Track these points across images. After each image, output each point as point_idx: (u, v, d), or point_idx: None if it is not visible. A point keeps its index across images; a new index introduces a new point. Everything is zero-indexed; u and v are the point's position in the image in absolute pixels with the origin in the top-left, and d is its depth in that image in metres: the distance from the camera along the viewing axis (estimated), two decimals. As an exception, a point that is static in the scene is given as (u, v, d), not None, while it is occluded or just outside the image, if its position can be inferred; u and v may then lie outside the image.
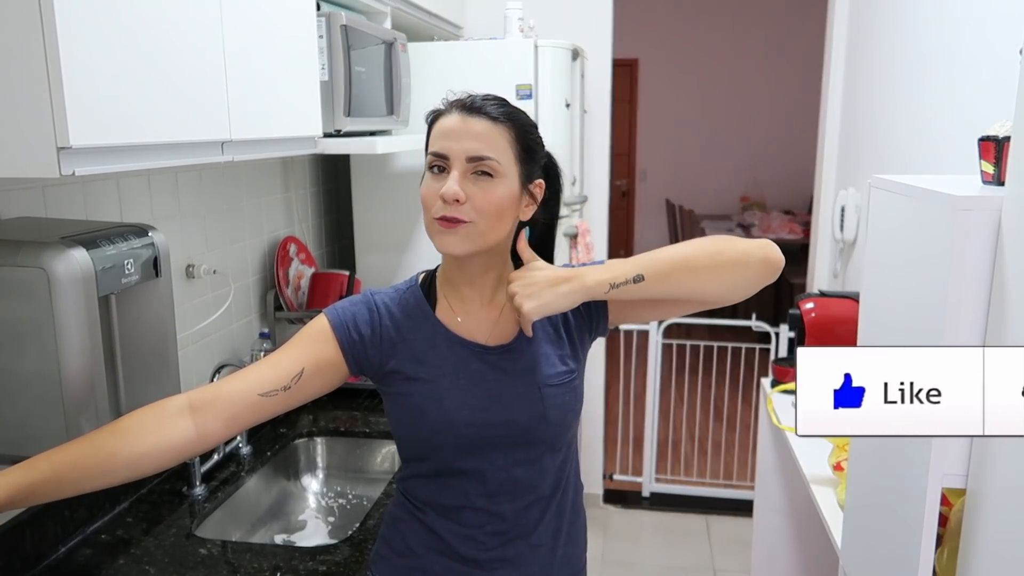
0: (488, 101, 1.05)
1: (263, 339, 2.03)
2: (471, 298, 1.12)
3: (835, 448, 1.75)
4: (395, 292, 1.14)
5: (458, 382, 1.08)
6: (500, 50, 2.31)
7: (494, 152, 1.02)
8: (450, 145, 1.03)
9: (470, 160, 1.02)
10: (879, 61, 2.48)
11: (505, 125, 1.04)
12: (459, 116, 1.04)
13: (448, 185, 1.01)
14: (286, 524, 1.80)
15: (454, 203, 1.01)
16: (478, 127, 1.03)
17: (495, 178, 1.03)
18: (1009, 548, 0.93)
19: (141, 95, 1.04)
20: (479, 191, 1.02)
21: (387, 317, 1.11)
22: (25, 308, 1.05)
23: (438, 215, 1.03)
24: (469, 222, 1.02)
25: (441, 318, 1.12)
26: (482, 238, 1.04)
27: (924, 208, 1.11)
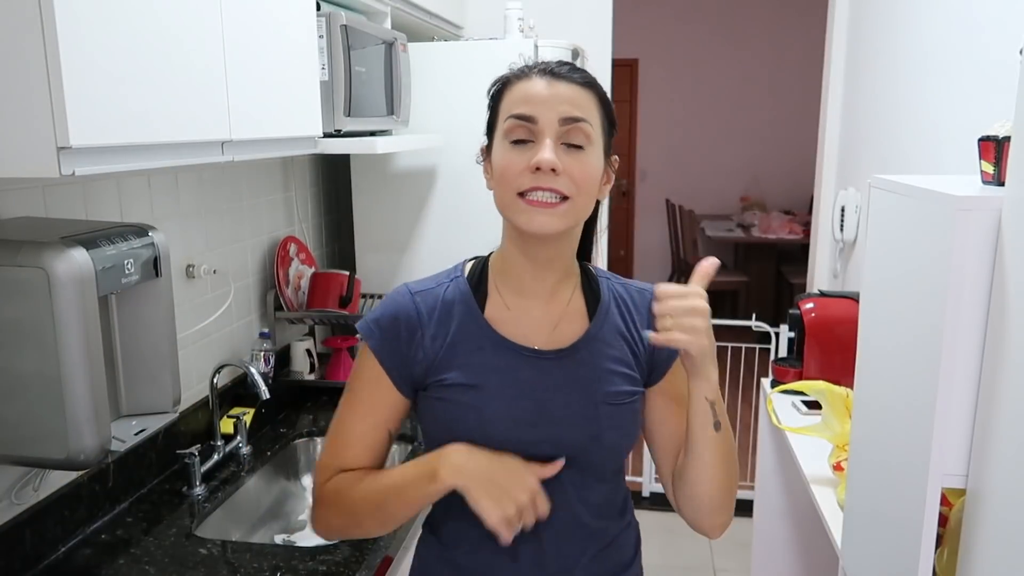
0: (567, 66, 0.95)
1: (263, 339, 2.03)
2: (532, 292, 1.00)
3: (835, 448, 1.75)
4: (436, 286, 1.02)
5: (504, 391, 0.96)
6: (500, 50, 2.31)
7: (588, 115, 0.92)
8: (538, 108, 0.91)
9: (564, 122, 0.90)
10: (879, 61, 2.48)
11: (591, 91, 0.94)
12: (543, 80, 0.92)
13: (543, 153, 0.89)
14: (286, 524, 1.80)
15: (549, 172, 0.89)
16: (567, 90, 0.92)
17: (587, 148, 0.92)
18: (1009, 548, 0.93)
19: (141, 95, 1.04)
20: (573, 162, 0.90)
21: (427, 320, 0.99)
22: (25, 308, 1.05)
23: (526, 187, 0.90)
24: (567, 198, 0.90)
25: (490, 316, 0.99)
26: (575, 217, 0.93)
27: (924, 208, 1.11)
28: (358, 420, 1.02)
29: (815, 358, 2.16)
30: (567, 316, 1.01)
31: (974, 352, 1.01)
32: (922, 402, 1.08)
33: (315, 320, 2.21)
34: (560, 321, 1.00)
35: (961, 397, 1.02)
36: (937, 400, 1.03)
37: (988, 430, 0.99)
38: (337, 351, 2.24)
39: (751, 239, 5.70)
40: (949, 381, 1.02)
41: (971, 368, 1.01)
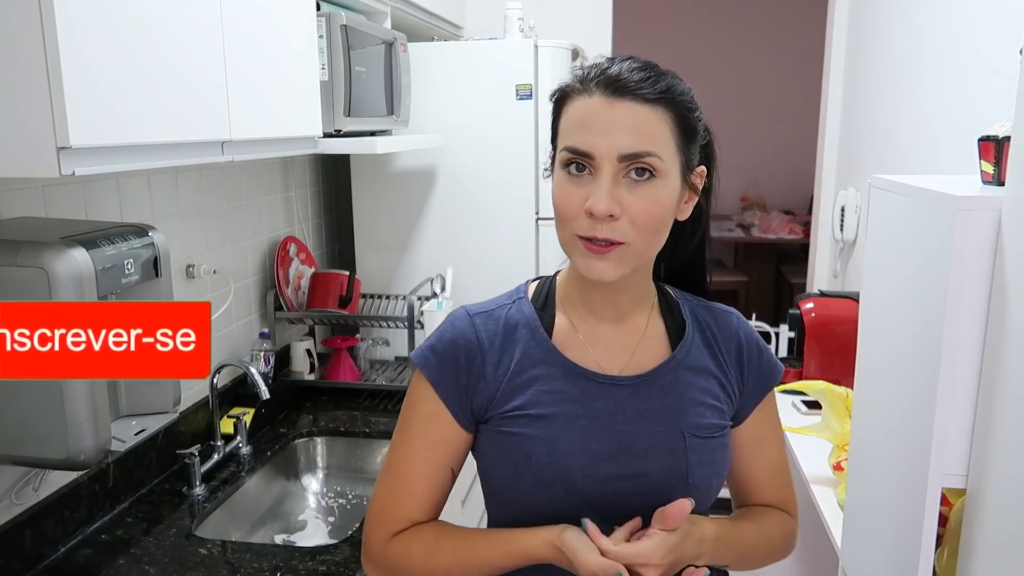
0: (636, 73, 0.81)
1: (263, 339, 2.03)
2: (603, 315, 0.91)
3: (835, 448, 1.74)
4: (498, 308, 0.92)
5: (577, 422, 0.86)
6: (500, 50, 2.31)
7: (654, 145, 0.80)
8: (594, 141, 0.79)
9: (623, 160, 0.79)
10: (879, 61, 2.48)
11: (663, 107, 0.81)
12: (602, 99, 0.80)
13: (597, 199, 0.78)
14: (286, 524, 1.80)
15: (606, 219, 0.80)
16: (631, 115, 0.79)
17: (656, 178, 0.80)
18: (1009, 548, 0.93)
19: (141, 95, 1.04)
20: (637, 201, 0.80)
21: (489, 346, 0.89)
22: (25, 308, 1.05)
23: (584, 234, 0.81)
24: (624, 244, 0.81)
25: (558, 342, 0.90)
26: (638, 259, 0.84)
27: (924, 208, 1.11)
28: (420, 462, 0.90)
29: (815, 358, 2.16)
30: (645, 341, 0.92)
31: (974, 352, 1.01)
32: (922, 402, 1.08)
33: (315, 320, 2.21)
34: (637, 347, 0.91)
35: (961, 397, 1.02)
36: (937, 400, 1.03)
37: (988, 430, 0.99)
38: (337, 351, 2.24)
39: (751, 239, 5.70)
40: (949, 381, 1.02)
41: (971, 368, 1.01)
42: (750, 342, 0.97)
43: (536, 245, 2.37)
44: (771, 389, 0.98)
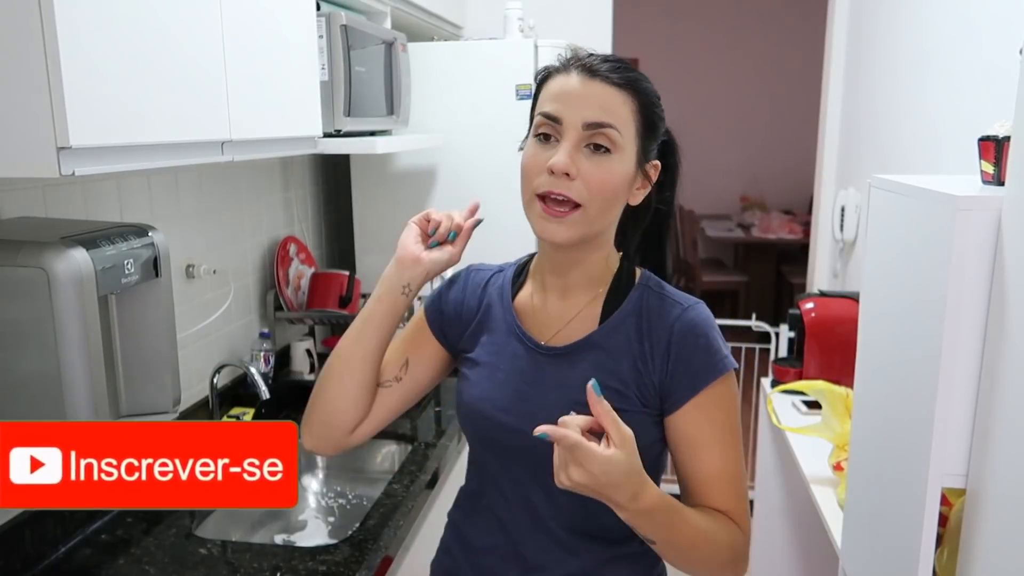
0: (611, 62, 0.92)
1: (263, 339, 2.03)
2: (553, 288, 1.02)
3: (835, 448, 1.75)
4: (495, 269, 1.11)
5: (496, 373, 1.01)
6: (500, 50, 2.31)
7: (616, 120, 0.90)
8: (564, 109, 0.90)
9: (587, 127, 0.89)
10: (879, 61, 2.48)
11: (629, 93, 0.91)
12: (578, 77, 0.91)
13: (558, 156, 0.89)
14: (286, 524, 1.80)
15: (563, 177, 0.89)
16: (599, 91, 0.90)
17: (612, 153, 0.90)
18: (1009, 548, 0.93)
19: (141, 95, 1.04)
20: (593, 167, 0.89)
21: (473, 295, 1.07)
22: (25, 308, 1.05)
23: (541, 189, 0.91)
24: (579, 206, 0.90)
25: (518, 305, 1.04)
26: (589, 225, 0.92)
27: (924, 208, 1.11)
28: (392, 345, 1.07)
29: (815, 358, 2.16)
30: (579, 319, 1.00)
31: (974, 352, 1.01)
32: (922, 402, 1.08)
33: (315, 320, 2.21)
34: (572, 321, 1.00)
35: (961, 397, 1.02)
36: (937, 400, 1.03)
37: (988, 430, 0.99)
38: (337, 351, 2.24)
39: (751, 239, 5.70)
40: (949, 381, 1.02)
41: (971, 368, 1.01)
42: (685, 336, 0.94)
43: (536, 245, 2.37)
44: (704, 388, 0.93)
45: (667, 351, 0.94)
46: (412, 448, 1.88)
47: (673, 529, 0.88)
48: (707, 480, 0.94)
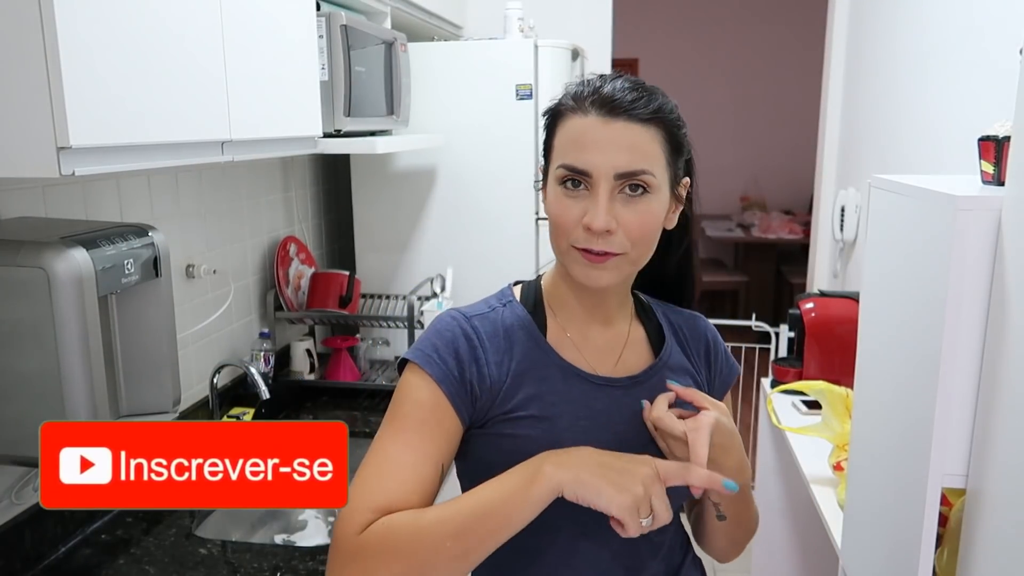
0: (629, 93, 0.84)
1: (263, 339, 2.03)
2: (591, 319, 0.93)
3: (835, 448, 1.74)
4: (489, 311, 0.92)
5: (579, 423, 0.87)
6: (500, 50, 2.31)
7: (647, 163, 0.83)
8: (591, 159, 0.82)
9: (619, 177, 0.82)
10: (879, 61, 2.48)
11: (655, 125, 0.84)
12: (598, 119, 0.83)
13: (595, 215, 0.82)
14: (286, 524, 1.80)
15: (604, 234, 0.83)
16: (626, 135, 0.83)
17: (649, 194, 0.84)
18: (1009, 548, 0.93)
19: (141, 95, 1.04)
20: (632, 215, 0.83)
21: (489, 345, 0.88)
22: (25, 308, 1.05)
23: (580, 245, 0.84)
24: (621, 254, 0.84)
25: (553, 343, 0.91)
26: (632, 266, 0.88)
27: (924, 208, 1.11)
28: (408, 451, 0.83)
29: (815, 358, 2.16)
30: (630, 344, 0.95)
31: (974, 352, 1.01)
32: (922, 402, 1.08)
33: (315, 320, 2.21)
34: (624, 349, 0.94)
35: (961, 397, 1.02)
36: (937, 400, 1.03)
37: (988, 430, 0.99)
38: (337, 351, 2.24)
39: (751, 239, 5.70)
40: (949, 381, 1.02)
41: (971, 368, 1.01)
42: (716, 343, 1.03)
43: (536, 245, 2.37)
44: (730, 388, 1.03)
45: (707, 359, 1.01)
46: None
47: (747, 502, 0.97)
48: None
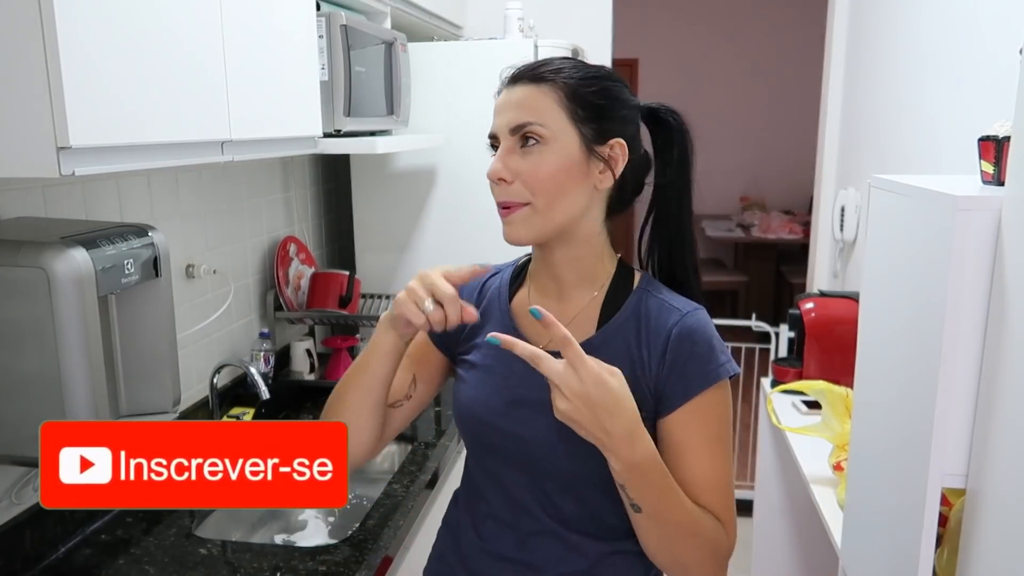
0: (536, 63, 0.95)
1: (263, 339, 2.03)
2: (549, 290, 1.02)
3: (835, 448, 1.75)
4: (492, 271, 1.09)
5: (492, 376, 1.00)
6: (500, 50, 2.31)
7: (535, 116, 0.91)
8: (495, 122, 0.94)
9: (512, 132, 0.92)
10: (879, 61, 2.48)
11: (547, 85, 0.92)
12: (505, 90, 0.95)
13: (491, 166, 0.93)
14: (286, 524, 1.80)
15: (500, 183, 0.93)
16: (517, 95, 0.93)
17: (542, 145, 0.91)
18: (1009, 548, 0.93)
19: (141, 95, 1.04)
20: (525, 164, 0.92)
21: (469, 297, 1.05)
22: (25, 308, 1.05)
23: (496, 200, 0.95)
24: (525, 204, 0.92)
25: (515, 307, 1.04)
26: (544, 219, 0.93)
27: (924, 208, 1.11)
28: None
29: (815, 358, 2.16)
30: (577, 320, 0.98)
31: (974, 352, 1.01)
32: (922, 402, 1.08)
33: (315, 320, 2.21)
34: (568, 324, 0.95)
35: (961, 397, 1.02)
36: (937, 400, 1.03)
37: (988, 430, 0.99)
38: (337, 351, 2.24)
39: (751, 239, 5.70)
40: (949, 381, 1.02)
41: (971, 368, 1.01)
42: (681, 343, 0.94)
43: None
44: (696, 396, 0.93)
45: (663, 357, 0.94)
46: (412, 448, 1.88)
47: (664, 496, 0.88)
48: (695, 485, 0.93)
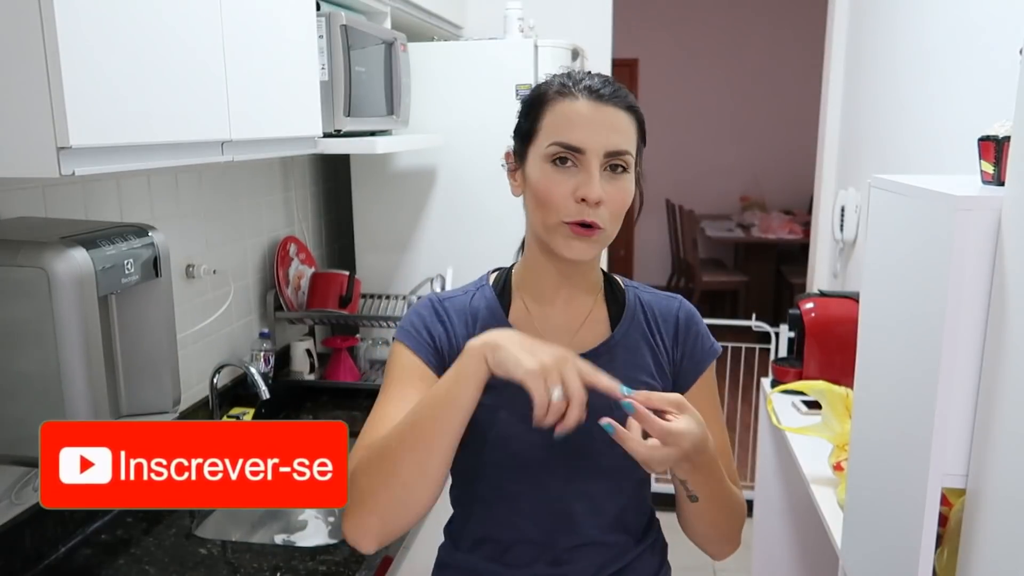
0: (610, 85, 0.95)
1: (263, 339, 2.03)
2: (552, 299, 1.01)
3: (835, 448, 1.75)
4: (463, 295, 1.04)
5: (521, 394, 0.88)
6: (500, 50, 2.31)
7: (628, 145, 0.93)
8: (586, 137, 0.91)
9: (608, 155, 0.92)
10: (879, 61, 2.48)
11: (632, 114, 0.95)
12: (588, 103, 0.93)
13: (592, 187, 0.90)
14: (286, 524, 1.80)
15: (596, 206, 0.91)
16: (612, 117, 0.93)
17: (626, 173, 0.94)
18: (1009, 548, 0.93)
19: (141, 95, 1.04)
20: (615, 191, 0.92)
21: (456, 320, 1.00)
22: (25, 308, 1.05)
23: (572, 219, 0.91)
24: (603, 228, 0.93)
25: (514, 322, 1.00)
26: (607, 243, 0.97)
27: (924, 208, 1.11)
28: (395, 403, 0.95)
29: (815, 358, 2.16)
30: (588, 323, 1.01)
31: (974, 352, 1.01)
32: (922, 402, 1.08)
33: (315, 320, 2.21)
34: (581, 327, 1.01)
35: (961, 397, 1.02)
36: (937, 400, 1.03)
37: (988, 430, 0.99)
38: (337, 351, 2.24)
39: (751, 239, 5.70)
40: (949, 381, 1.02)
41: (971, 368, 1.01)
42: (688, 323, 1.04)
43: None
44: (705, 371, 1.03)
45: (675, 338, 1.03)
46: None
47: (719, 481, 0.95)
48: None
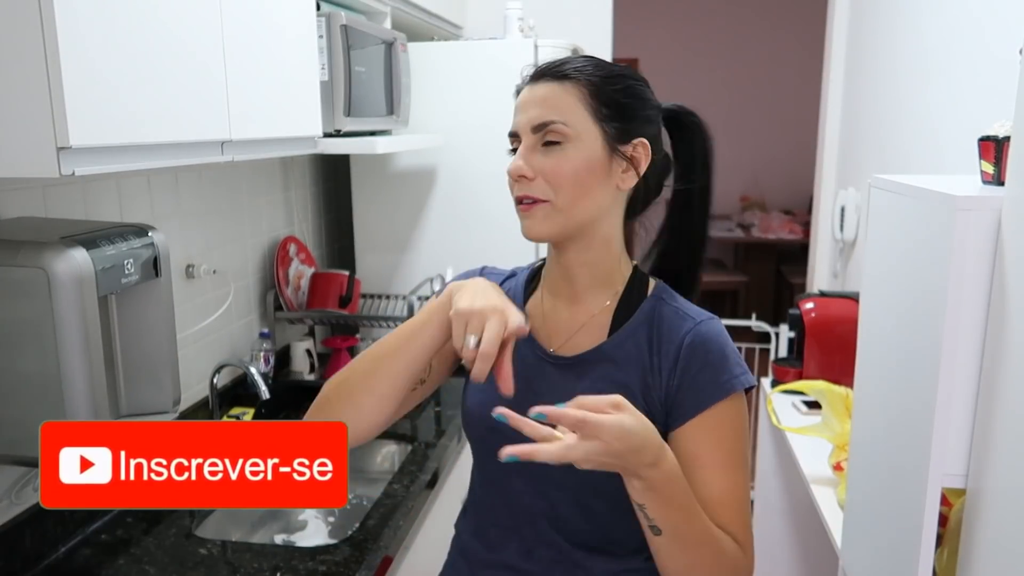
0: (559, 61, 0.94)
1: (263, 339, 2.03)
2: (563, 294, 0.99)
3: (835, 448, 1.75)
4: (508, 274, 1.07)
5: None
6: (500, 50, 2.31)
7: (558, 114, 0.90)
8: (516, 119, 0.93)
9: (535, 130, 0.91)
10: (879, 61, 2.48)
11: (571, 82, 0.91)
12: (527, 88, 0.94)
13: (512, 163, 0.92)
14: (286, 524, 1.80)
15: (521, 180, 0.91)
16: (541, 92, 0.92)
17: (565, 143, 0.90)
18: (1009, 548, 0.93)
19: (141, 95, 1.04)
20: (548, 162, 0.90)
21: None
22: (25, 308, 1.05)
23: (513, 195, 0.94)
24: (545, 201, 0.91)
25: (529, 310, 1.02)
26: (564, 217, 0.91)
27: (924, 208, 1.11)
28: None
29: (815, 358, 2.16)
30: (588, 326, 0.97)
31: (974, 352, 1.01)
32: (922, 402, 1.08)
33: (315, 320, 2.21)
34: (580, 329, 0.97)
35: (961, 397, 1.02)
36: (937, 400, 1.03)
37: (988, 430, 0.99)
38: (337, 351, 2.24)
39: (751, 239, 5.70)
40: (949, 381, 1.02)
41: (971, 368, 1.01)
42: (694, 351, 0.92)
43: (536, 245, 2.37)
44: (709, 408, 0.90)
45: (675, 365, 0.92)
46: (412, 448, 1.88)
47: (686, 514, 0.84)
48: (709, 501, 0.89)
